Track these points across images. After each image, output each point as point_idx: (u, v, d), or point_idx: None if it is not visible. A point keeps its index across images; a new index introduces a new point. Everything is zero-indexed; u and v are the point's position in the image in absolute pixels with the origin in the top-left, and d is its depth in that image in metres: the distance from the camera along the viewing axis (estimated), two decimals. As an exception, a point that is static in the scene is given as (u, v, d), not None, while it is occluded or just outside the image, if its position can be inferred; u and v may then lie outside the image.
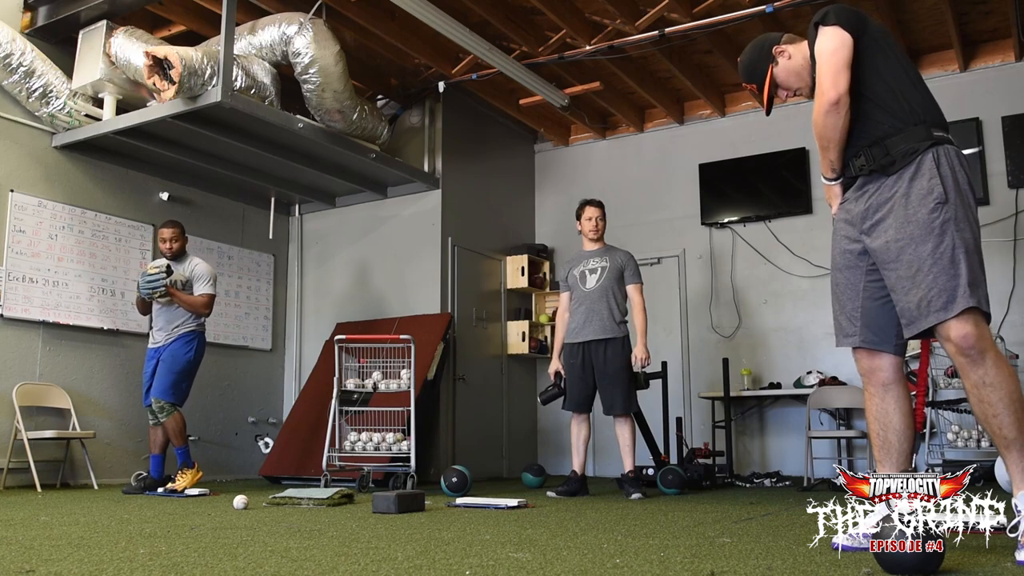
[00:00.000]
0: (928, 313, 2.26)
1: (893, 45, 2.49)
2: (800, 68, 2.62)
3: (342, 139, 6.31)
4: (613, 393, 5.03)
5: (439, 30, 5.73)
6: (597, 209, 5.30)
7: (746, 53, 2.74)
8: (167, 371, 5.19)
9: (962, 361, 2.25)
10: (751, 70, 2.71)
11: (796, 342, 6.91)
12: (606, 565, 2.16)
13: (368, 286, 7.37)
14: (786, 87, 2.67)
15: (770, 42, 2.68)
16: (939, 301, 2.24)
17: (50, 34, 5.93)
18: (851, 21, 2.42)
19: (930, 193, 2.29)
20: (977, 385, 2.23)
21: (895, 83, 2.43)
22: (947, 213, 2.28)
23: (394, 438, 5.37)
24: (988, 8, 6.12)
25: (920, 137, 2.37)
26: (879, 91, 2.43)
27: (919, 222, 2.29)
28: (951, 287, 2.23)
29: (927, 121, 2.41)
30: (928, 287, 2.26)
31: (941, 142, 2.38)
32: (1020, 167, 6.25)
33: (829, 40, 2.40)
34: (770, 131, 7.33)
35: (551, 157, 8.43)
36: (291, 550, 2.44)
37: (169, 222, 5.46)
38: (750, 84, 2.75)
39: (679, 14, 5.91)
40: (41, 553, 2.40)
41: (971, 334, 2.22)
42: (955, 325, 2.22)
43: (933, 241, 2.26)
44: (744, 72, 2.75)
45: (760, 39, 2.74)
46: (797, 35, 2.72)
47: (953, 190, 2.30)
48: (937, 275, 2.25)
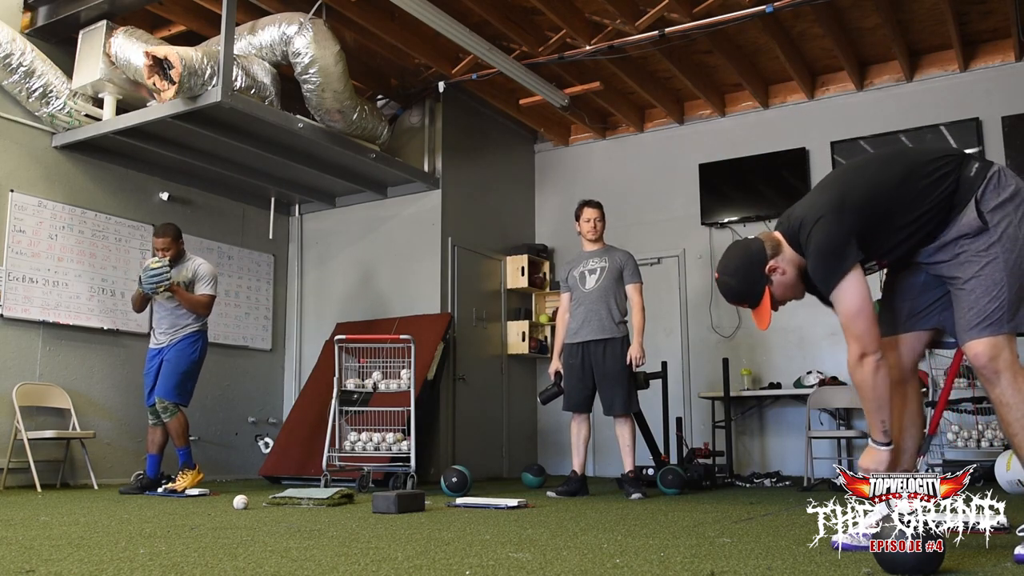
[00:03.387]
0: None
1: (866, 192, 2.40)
2: (795, 280, 2.48)
3: (342, 139, 6.31)
4: (613, 393, 5.03)
5: (439, 30, 5.73)
6: (595, 210, 5.30)
7: (734, 276, 2.48)
8: (172, 371, 5.18)
9: (982, 380, 2.33)
10: (745, 295, 2.49)
11: (796, 342, 6.90)
12: (606, 565, 2.16)
13: (368, 286, 7.37)
14: (782, 301, 2.51)
15: (759, 261, 2.45)
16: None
17: (50, 34, 5.93)
18: (848, 245, 2.30)
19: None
20: (995, 404, 2.31)
21: (901, 209, 2.36)
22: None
23: (394, 438, 5.37)
24: (988, 8, 6.12)
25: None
26: (904, 222, 2.37)
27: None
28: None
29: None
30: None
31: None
32: (1020, 167, 6.25)
33: (850, 299, 2.32)
34: (770, 131, 7.34)
35: (551, 157, 8.43)
36: (291, 550, 2.44)
37: (161, 229, 5.27)
38: (741, 305, 2.53)
39: (679, 14, 5.91)
40: (41, 553, 2.39)
41: (982, 354, 2.27)
42: (971, 345, 2.30)
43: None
44: (736, 297, 2.52)
45: (744, 257, 2.48)
46: (771, 234, 2.50)
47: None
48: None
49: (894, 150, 2.97)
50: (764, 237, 2.50)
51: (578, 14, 6.14)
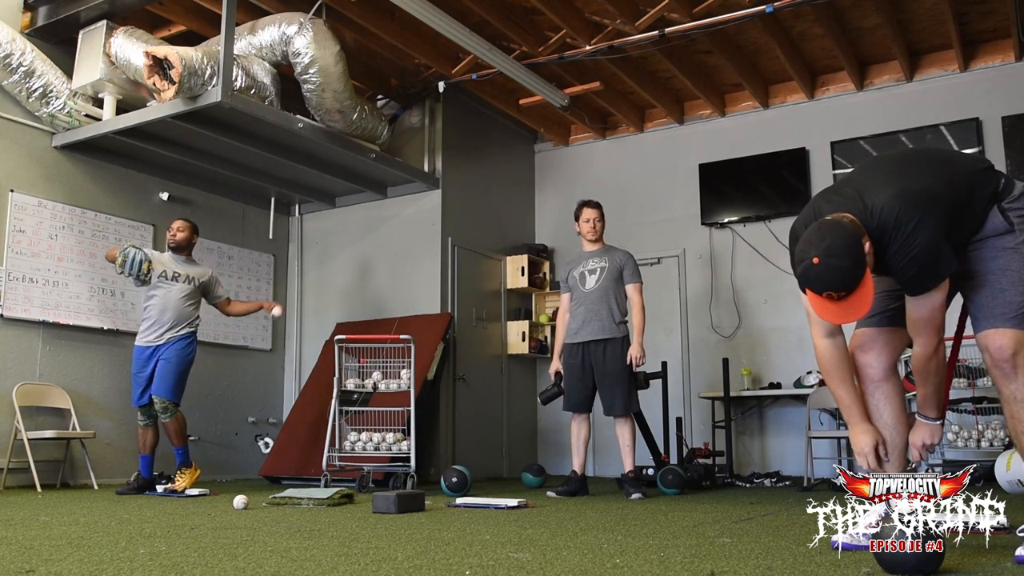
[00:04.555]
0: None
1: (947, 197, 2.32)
2: (873, 260, 2.28)
3: (342, 139, 6.31)
4: (613, 393, 5.03)
5: (439, 30, 5.73)
6: (595, 210, 5.30)
7: (843, 257, 2.17)
8: (171, 371, 5.16)
9: (996, 374, 2.30)
10: (854, 278, 2.18)
11: (796, 342, 6.90)
12: (606, 565, 2.16)
13: (368, 286, 7.37)
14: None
15: (858, 239, 2.20)
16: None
17: (50, 34, 5.93)
18: (946, 246, 2.26)
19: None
20: (1008, 400, 2.28)
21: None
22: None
23: (394, 438, 5.37)
24: (988, 8, 6.12)
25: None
26: (967, 229, 2.37)
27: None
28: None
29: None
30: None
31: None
32: (1020, 167, 6.25)
33: (939, 296, 2.31)
34: (770, 131, 7.34)
35: (551, 157, 8.43)
36: (291, 550, 2.44)
37: (186, 218, 5.56)
38: (838, 292, 2.20)
39: (679, 14, 5.91)
40: (41, 553, 2.39)
41: (1006, 346, 2.25)
42: (993, 335, 2.28)
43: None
44: (845, 281, 2.17)
45: (845, 235, 2.20)
46: (844, 214, 2.30)
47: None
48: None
49: (946, 152, 2.90)
50: (841, 216, 2.29)
51: (578, 14, 6.14)
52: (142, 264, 5.09)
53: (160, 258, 5.32)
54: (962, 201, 2.32)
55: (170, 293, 5.24)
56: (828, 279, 2.19)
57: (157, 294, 5.23)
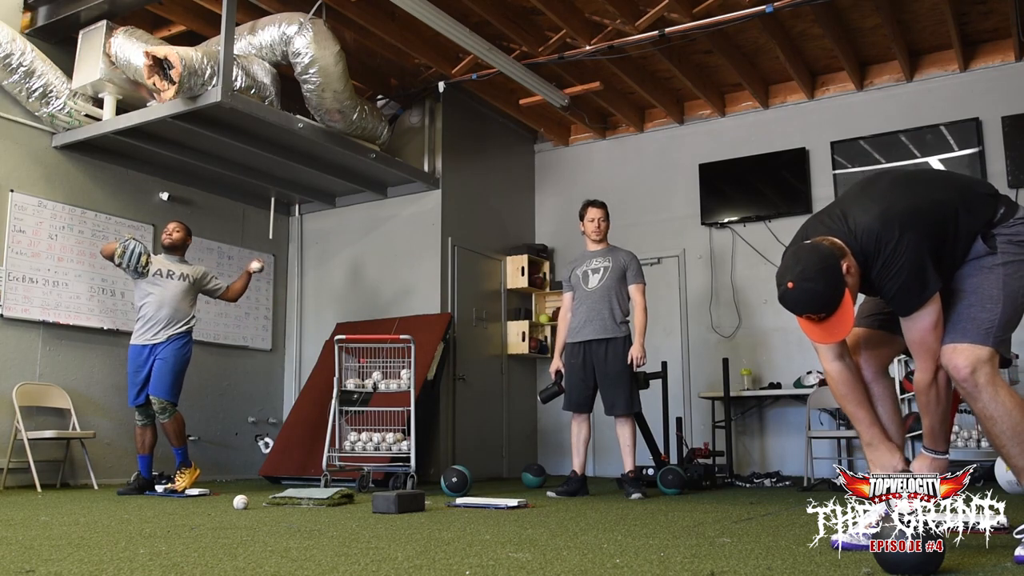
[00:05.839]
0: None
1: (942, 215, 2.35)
2: (859, 282, 2.33)
3: (342, 139, 6.31)
4: (615, 393, 5.03)
5: (439, 30, 5.73)
6: (600, 210, 5.30)
7: (818, 280, 2.22)
8: (169, 370, 5.15)
9: (962, 393, 2.34)
10: (830, 300, 2.23)
11: (796, 342, 6.89)
12: (606, 565, 2.16)
13: (368, 286, 7.37)
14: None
15: (835, 261, 2.24)
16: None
17: (50, 34, 5.93)
18: (930, 265, 2.26)
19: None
20: (981, 418, 2.32)
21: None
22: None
23: (394, 438, 5.37)
24: (988, 8, 6.12)
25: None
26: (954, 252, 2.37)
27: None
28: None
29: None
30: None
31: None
32: (1020, 167, 6.25)
33: (930, 317, 2.29)
34: (770, 131, 7.34)
35: (551, 157, 8.43)
36: (291, 550, 2.44)
37: (180, 220, 5.59)
38: (817, 315, 2.26)
39: (679, 14, 5.91)
40: (41, 553, 2.39)
41: (962, 367, 2.28)
42: (949, 353, 2.31)
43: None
44: (820, 304, 2.24)
45: (821, 259, 2.25)
46: (825, 236, 2.34)
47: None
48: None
49: (945, 174, 2.90)
50: (820, 240, 2.33)
51: (578, 14, 6.14)
52: (140, 256, 5.10)
53: (155, 257, 5.33)
54: (947, 221, 2.32)
55: (166, 290, 5.24)
56: (804, 302, 2.26)
57: (153, 292, 5.22)
